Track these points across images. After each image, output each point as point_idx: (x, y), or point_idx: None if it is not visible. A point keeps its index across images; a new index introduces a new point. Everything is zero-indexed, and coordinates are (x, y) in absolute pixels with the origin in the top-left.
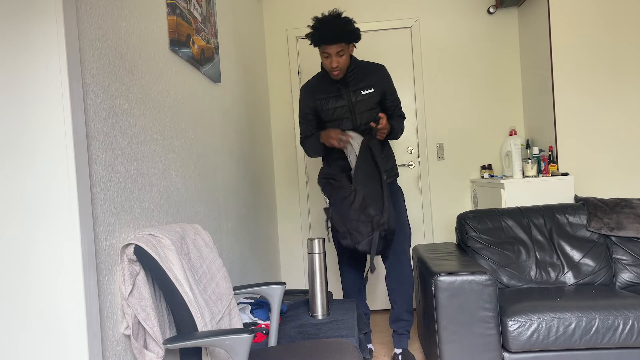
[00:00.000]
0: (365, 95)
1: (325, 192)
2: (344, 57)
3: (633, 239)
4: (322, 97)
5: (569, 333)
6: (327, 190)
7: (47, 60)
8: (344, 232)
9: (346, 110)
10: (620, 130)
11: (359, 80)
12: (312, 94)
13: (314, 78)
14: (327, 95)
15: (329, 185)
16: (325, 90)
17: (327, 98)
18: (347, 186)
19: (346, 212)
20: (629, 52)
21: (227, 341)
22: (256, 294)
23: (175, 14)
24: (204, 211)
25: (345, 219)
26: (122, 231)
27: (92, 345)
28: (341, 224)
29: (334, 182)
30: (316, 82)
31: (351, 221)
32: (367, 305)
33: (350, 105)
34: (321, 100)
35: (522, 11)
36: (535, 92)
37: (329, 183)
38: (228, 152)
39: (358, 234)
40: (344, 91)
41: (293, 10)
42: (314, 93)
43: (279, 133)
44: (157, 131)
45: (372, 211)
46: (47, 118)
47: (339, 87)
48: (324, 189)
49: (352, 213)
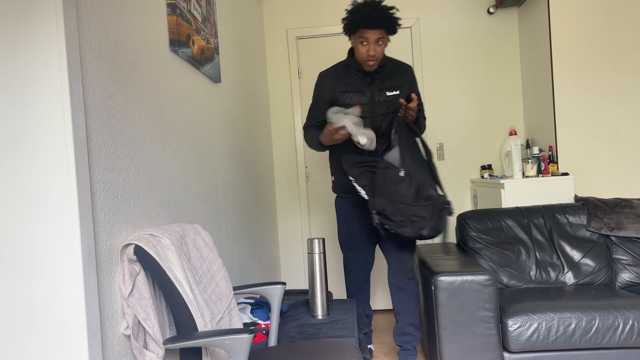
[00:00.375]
0: (389, 97)
1: (361, 182)
2: (381, 47)
3: (633, 239)
4: (342, 90)
5: (569, 333)
6: (363, 180)
7: (47, 60)
8: (401, 221)
9: (367, 110)
10: (620, 130)
11: (386, 79)
12: (332, 85)
13: (335, 67)
14: (349, 89)
15: (368, 172)
16: (347, 82)
17: (348, 92)
18: (395, 170)
19: (402, 198)
20: (630, 52)
21: (227, 341)
22: (256, 294)
23: (175, 14)
24: (204, 211)
25: (401, 206)
26: (122, 231)
27: (92, 345)
28: (396, 213)
29: (377, 169)
30: (338, 72)
31: (409, 207)
32: (370, 306)
33: (373, 105)
34: (341, 94)
35: (522, 11)
36: (535, 92)
37: (368, 171)
38: (228, 152)
39: (421, 219)
40: (368, 88)
41: (293, 10)
42: (335, 84)
43: (279, 133)
44: (157, 131)
45: (432, 192)
46: (47, 118)
47: (363, 82)
48: (358, 179)
49: (409, 198)
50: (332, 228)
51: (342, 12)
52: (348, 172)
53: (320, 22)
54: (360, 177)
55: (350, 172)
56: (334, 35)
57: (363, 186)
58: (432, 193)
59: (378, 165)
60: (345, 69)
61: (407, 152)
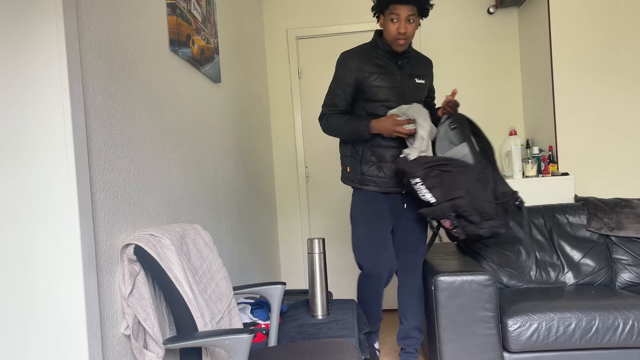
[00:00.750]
0: (417, 84)
1: (430, 184)
2: (412, 26)
3: (633, 239)
4: (369, 71)
5: (569, 333)
6: (432, 181)
7: (47, 60)
8: (479, 222)
9: (397, 94)
10: (620, 130)
11: (414, 66)
12: (358, 64)
13: (360, 47)
14: (377, 70)
15: (438, 173)
16: (374, 63)
17: (376, 73)
18: (472, 168)
19: (485, 197)
20: (630, 52)
21: (227, 341)
22: (256, 294)
23: (175, 14)
24: (204, 211)
25: (484, 206)
26: (122, 231)
27: (92, 345)
28: (475, 214)
29: (453, 168)
30: (364, 51)
31: (491, 205)
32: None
33: (402, 90)
34: (368, 74)
35: (522, 11)
36: (535, 92)
37: (439, 171)
38: (228, 152)
39: (499, 217)
40: (398, 72)
41: (293, 10)
42: (361, 63)
43: (279, 133)
44: (157, 131)
45: (507, 188)
46: (47, 118)
47: (393, 64)
48: (426, 180)
49: (490, 196)
50: (332, 228)
51: (342, 12)
52: (413, 173)
53: (320, 22)
54: (428, 179)
55: (415, 173)
56: (334, 35)
57: (431, 188)
58: (506, 189)
59: (451, 164)
60: (373, 49)
61: (474, 149)
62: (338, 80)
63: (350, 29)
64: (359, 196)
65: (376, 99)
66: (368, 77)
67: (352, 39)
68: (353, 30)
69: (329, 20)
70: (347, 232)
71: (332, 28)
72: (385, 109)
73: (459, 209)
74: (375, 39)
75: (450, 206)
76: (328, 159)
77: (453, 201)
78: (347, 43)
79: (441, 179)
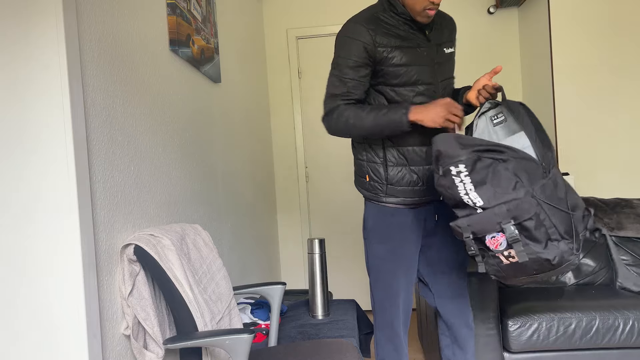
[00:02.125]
0: (447, 55)
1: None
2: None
3: (633, 239)
4: (390, 44)
5: (569, 333)
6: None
7: (47, 60)
8: (547, 240)
9: (427, 73)
10: (620, 130)
11: (440, 32)
12: (375, 34)
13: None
14: (401, 43)
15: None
16: (395, 33)
17: (401, 47)
18: (537, 161)
19: (557, 201)
20: (630, 51)
21: (227, 341)
22: (256, 294)
23: (175, 14)
24: (204, 211)
25: (553, 213)
26: (122, 231)
27: (92, 345)
28: (542, 225)
29: (515, 157)
30: (378, 18)
31: (566, 215)
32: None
33: (434, 67)
34: (389, 49)
35: (522, 11)
36: (535, 92)
37: (496, 159)
38: (228, 152)
39: (576, 238)
40: (426, 43)
41: (293, 10)
42: (378, 33)
43: (279, 133)
44: (157, 131)
45: (580, 201)
46: (47, 118)
47: (419, 33)
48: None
49: (563, 204)
50: (332, 228)
51: (342, 12)
52: (455, 157)
53: (320, 22)
54: (476, 169)
55: (460, 157)
56: (334, 35)
57: (478, 183)
58: (579, 201)
59: (508, 153)
60: (388, 15)
61: (538, 142)
62: (348, 59)
63: None
64: (375, 209)
65: (402, 81)
66: (389, 52)
67: None
68: None
69: (329, 20)
70: (347, 232)
71: (332, 28)
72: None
73: (522, 213)
74: (387, 1)
75: (508, 211)
76: (328, 159)
77: (513, 203)
78: None
79: (494, 171)
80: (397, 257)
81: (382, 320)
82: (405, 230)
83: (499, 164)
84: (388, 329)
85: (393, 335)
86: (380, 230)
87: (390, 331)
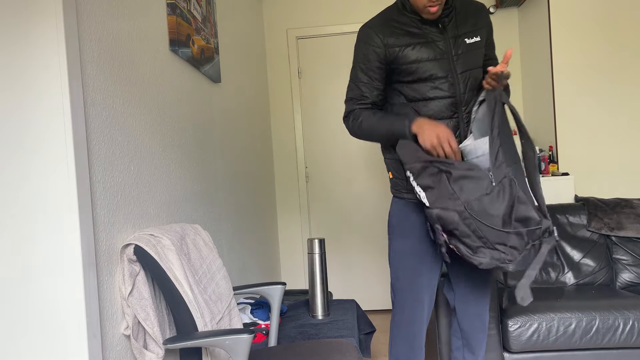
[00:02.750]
0: (470, 45)
1: (423, 182)
2: None
3: (633, 239)
4: (401, 43)
5: (569, 333)
6: (426, 179)
7: (47, 60)
8: (478, 248)
9: (444, 65)
10: (620, 130)
11: (461, 22)
12: (385, 36)
13: (383, 13)
14: (412, 40)
15: (436, 172)
16: (406, 31)
17: (412, 44)
18: (482, 176)
19: (486, 219)
20: (630, 51)
21: (227, 341)
22: (256, 294)
23: (175, 14)
24: (204, 211)
25: (483, 229)
26: (122, 231)
27: (92, 345)
28: (472, 236)
29: (454, 169)
30: (390, 18)
31: (496, 232)
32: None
33: (450, 60)
34: (401, 48)
35: (522, 11)
36: (535, 92)
37: (438, 169)
38: (228, 152)
39: (509, 249)
40: (441, 36)
41: (293, 10)
42: (388, 34)
43: (279, 133)
44: (157, 131)
45: (532, 213)
46: (47, 118)
47: (432, 27)
48: (419, 177)
49: (498, 220)
50: (332, 228)
51: (342, 12)
52: (406, 164)
53: (320, 22)
54: (422, 175)
55: (409, 165)
56: (334, 35)
57: (425, 187)
58: (531, 214)
59: (455, 166)
60: (400, 15)
61: (502, 147)
62: (360, 63)
63: (351, 29)
64: (397, 205)
65: (414, 77)
66: (401, 52)
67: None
68: (353, 30)
69: (329, 20)
70: (347, 232)
71: (332, 28)
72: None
73: (446, 224)
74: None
75: (437, 216)
76: (328, 159)
77: (442, 211)
78: (347, 43)
79: (439, 179)
80: (418, 253)
81: (400, 318)
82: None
83: (442, 174)
84: (406, 327)
85: (410, 335)
86: (402, 225)
87: (409, 330)
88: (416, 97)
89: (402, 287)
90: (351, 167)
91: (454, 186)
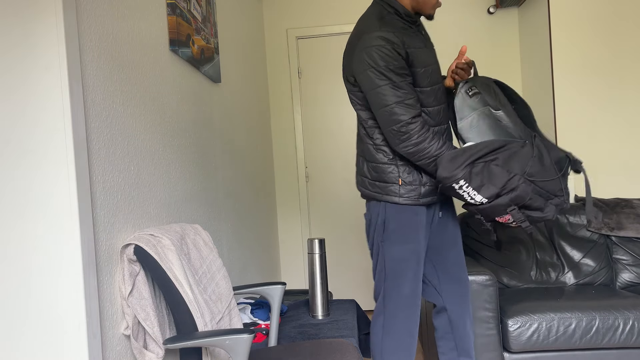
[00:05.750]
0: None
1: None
2: None
3: (633, 239)
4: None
5: (569, 333)
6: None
7: (47, 60)
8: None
9: (439, 73)
10: (620, 130)
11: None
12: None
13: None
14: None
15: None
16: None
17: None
18: (519, 143)
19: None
20: (630, 52)
21: (227, 341)
22: (256, 294)
23: (175, 14)
24: (204, 211)
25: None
26: (122, 231)
27: (92, 345)
28: (541, 198)
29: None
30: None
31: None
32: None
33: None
34: (415, 49)
35: (522, 11)
36: (535, 92)
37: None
38: (228, 152)
39: (565, 189)
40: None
41: (293, 10)
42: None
43: (279, 133)
44: (157, 131)
45: (561, 153)
46: (47, 118)
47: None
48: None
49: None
50: (332, 228)
51: (342, 12)
52: (453, 177)
53: (320, 22)
54: (473, 177)
55: (457, 175)
56: (334, 35)
57: (480, 187)
58: (560, 154)
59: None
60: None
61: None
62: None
63: (350, 29)
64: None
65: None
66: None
67: None
68: None
69: (329, 20)
70: (347, 232)
71: (332, 28)
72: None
73: (521, 199)
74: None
75: (510, 200)
76: (328, 159)
77: (512, 193)
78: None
79: (489, 171)
80: (418, 256)
81: (395, 327)
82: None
83: (490, 164)
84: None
85: (407, 343)
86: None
87: (406, 338)
88: (430, 102)
89: (403, 295)
90: (351, 167)
91: (508, 165)
